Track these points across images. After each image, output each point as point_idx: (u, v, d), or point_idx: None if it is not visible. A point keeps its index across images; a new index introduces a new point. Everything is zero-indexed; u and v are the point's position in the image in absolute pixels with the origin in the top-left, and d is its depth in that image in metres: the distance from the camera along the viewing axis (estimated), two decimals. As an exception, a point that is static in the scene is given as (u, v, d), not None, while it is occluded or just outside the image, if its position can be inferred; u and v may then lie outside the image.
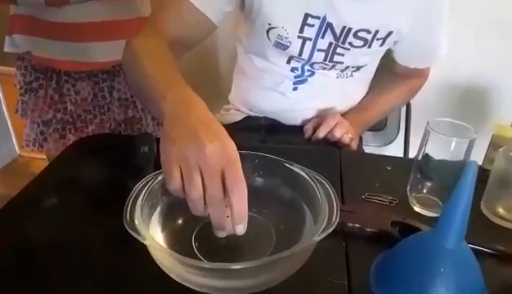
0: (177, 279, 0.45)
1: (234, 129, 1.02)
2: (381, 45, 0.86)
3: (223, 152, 0.45)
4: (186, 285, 0.45)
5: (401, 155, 1.24)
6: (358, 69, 0.91)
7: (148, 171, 0.56)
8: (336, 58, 0.87)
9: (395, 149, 1.28)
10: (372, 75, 1.01)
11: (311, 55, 0.87)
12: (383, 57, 0.95)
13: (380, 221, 0.59)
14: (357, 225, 0.58)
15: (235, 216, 0.45)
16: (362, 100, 1.02)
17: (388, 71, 1.01)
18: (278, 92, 0.96)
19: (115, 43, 0.97)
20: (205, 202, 0.46)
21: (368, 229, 0.58)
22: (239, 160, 0.46)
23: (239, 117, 1.05)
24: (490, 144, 0.71)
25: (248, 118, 1.04)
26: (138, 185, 0.52)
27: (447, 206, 0.46)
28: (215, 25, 0.81)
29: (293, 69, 0.92)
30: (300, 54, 0.87)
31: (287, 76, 0.93)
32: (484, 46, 1.23)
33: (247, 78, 1.01)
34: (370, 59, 0.91)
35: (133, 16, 1.01)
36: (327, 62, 0.88)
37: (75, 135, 1.06)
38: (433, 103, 1.27)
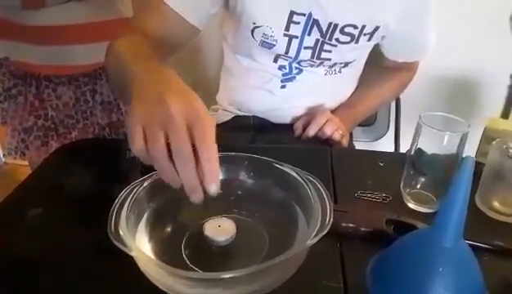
0: (166, 290, 0.43)
1: (223, 129, 1.01)
2: (369, 40, 0.85)
3: (189, 108, 0.44)
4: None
5: (392, 150, 1.23)
6: (346, 64, 0.90)
7: (135, 177, 0.54)
8: (323, 55, 0.86)
9: (385, 144, 1.27)
10: (361, 71, 1.00)
11: (297, 53, 0.85)
12: (371, 52, 0.94)
13: (375, 220, 0.57)
14: (351, 225, 0.57)
15: (206, 174, 0.43)
16: (352, 95, 1.01)
17: (377, 66, 1.00)
18: (266, 91, 0.94)
19: (96, 46, 0.95)
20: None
21: (362, 229, 0.57)
22: (208, 116, 0.44)
23: (227, 117, 1.03)
24: (482, 136, 0.70)
25: (236, 118, 1.02)
26: (123, 193, 0.50)
27: (444, 203, 0.44)
28: (198, 29, 0.79)
29: (280, 68, 0.90)
30: (287, 52, 0.85)
31: (275, 74, 0.92)
32: (473, 39, 1.23)
33: (234, 77, 0.99)
34: (357, 54, 0.89)
35: (113, 17, 0.98)
36: (314, 59, 0.86)
37: (58, 142, 1.03)
38: (422, 97, 1.27)
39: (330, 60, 0.87)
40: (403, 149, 1.21)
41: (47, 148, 1.03)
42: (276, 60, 0.89)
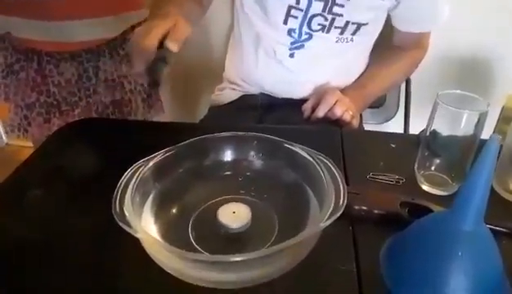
0: (173, 274, 0.42)
1: (230, 109, 0.99)
2: None
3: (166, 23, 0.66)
4: (184, 279, 0.42)
5: (401, 132, 1.20)
6: (359, 27, 0.87)
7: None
8: (335, 9, 0.83)
9: (394, 126, 1.24)
10: (371, 46, 0.97)
11: (309, 5, 0.83)
12: (382, 30, 0.92)
13: (388, 202, 0.55)
14: (364, 208, 0.55)
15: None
16: (362, 75, 0.98)
17: (388, 45, 0.97)
18: (275, 60, 0.92)
19: (98, 21, 0.92)
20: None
21: (376, 212, 0.55)
22: (177, 26, 0.66)
23: (234, 96, 1.01)
24: (500, 116, 0.68)
25: (244, 97, 1.00)
26: (128, 172, 0.48)
27: (465, 184, 0.42)
28: None
29: (290, 32, 0.88)
30: (298, 2, 0.83)
31: (284, 43, 0.90)
32: (483, 17, 1.19)
33: (242, 48, 0.97)
34: (371, 16, 0.86)
35: None
36: (326, 14, 0.84)
37: (60, 119, 1.01)
38: (432, 77, 1.23)
39: (342, 16, 0.84)
40: (412, 130, 1.19)
41: (50, 125, 1.01)
42: (286, 21, 0.87)
